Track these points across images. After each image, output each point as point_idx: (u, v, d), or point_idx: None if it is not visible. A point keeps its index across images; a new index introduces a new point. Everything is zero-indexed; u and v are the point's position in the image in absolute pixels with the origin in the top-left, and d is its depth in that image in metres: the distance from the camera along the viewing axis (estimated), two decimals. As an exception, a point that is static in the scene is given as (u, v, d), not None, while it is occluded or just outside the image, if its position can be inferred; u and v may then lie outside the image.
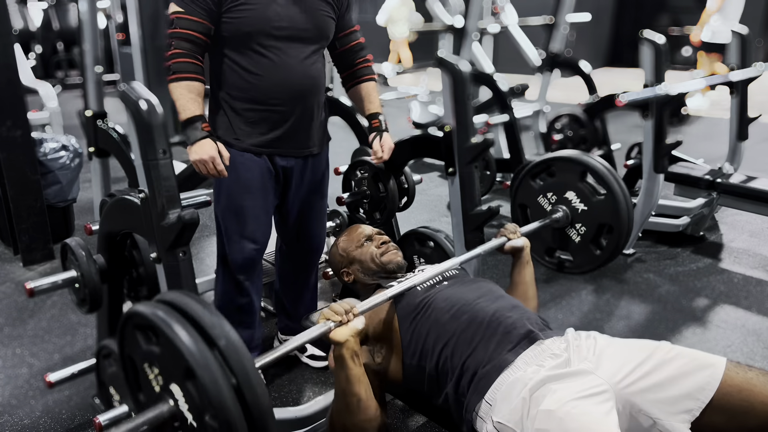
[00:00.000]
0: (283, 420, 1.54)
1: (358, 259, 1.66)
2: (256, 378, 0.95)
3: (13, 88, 2.80)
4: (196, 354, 0.91)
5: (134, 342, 1.05)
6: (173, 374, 0.97)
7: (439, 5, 4.62)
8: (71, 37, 8.43)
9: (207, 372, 0.90)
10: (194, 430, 0.97)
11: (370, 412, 1.27)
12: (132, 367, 1.11)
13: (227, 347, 0.94)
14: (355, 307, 1.28)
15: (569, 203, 1.91)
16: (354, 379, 1.25)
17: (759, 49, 8.77)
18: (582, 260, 1.94)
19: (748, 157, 3.58)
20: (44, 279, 1.59)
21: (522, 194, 2.03)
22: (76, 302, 1.69)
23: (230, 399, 0.91)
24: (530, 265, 1.70)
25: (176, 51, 1.63)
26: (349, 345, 1.24)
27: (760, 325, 2.44)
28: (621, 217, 1.82)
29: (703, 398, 1.14)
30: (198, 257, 3.08)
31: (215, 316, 0.98)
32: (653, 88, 2.70)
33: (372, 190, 2.23)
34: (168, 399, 0.99)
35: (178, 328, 0.93)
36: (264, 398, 0.95)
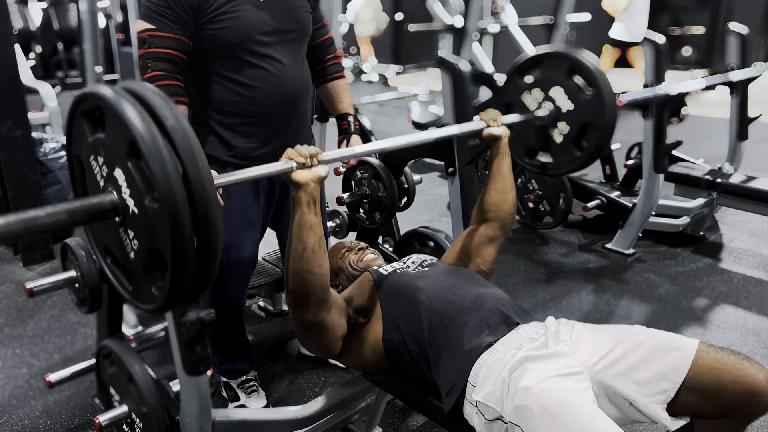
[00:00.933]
0: (283, 420, 1.54)
1: (341, 268, 1.68)
2: (203, 161, 0.91)
3: (13, 88, 2.80)
4: (140, 126, 0.86)
5: (81, 134, 1.01)
6: (117, 156, 0.93)
7: (439, 5, 4.62)
8: (71, 37, 8.42)
9: (151, 145, 0.86)
10: (135, 219, 0.94)
11: (313, 265, 1.26)
12: (79, 169, 1.06)
13: (174, 127, 0.89)
14: (321, 154, 1.27)
15: (554, 101, 1.88)
16: (305, 225, 1.24)
17: (759, 49, 8.77)
18: (562, 161, 1.89)
19: (748, 157, 3.58)
20: (44, 279, 1.58)
21: (508, 93, 1.98)
22: (76, 302, 1.69)
23: (174, 176, 0.86)
24: (508, 156, 1.68)
25: (155, 73, 1.50)
26: (308, 189, 1.23)
27: (760, 325, 2.44)
28: (605, 116, 1.78)
29: (677, 378, 1.16)
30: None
31: (165, 100, 0.93)
32: (653, 88, 2.70)
33: (372, 190, 2.23)
34: (111, 190, 0.96)
35: (124, 103, 0.89)
36: (209, 183, 0.91)
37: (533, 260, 3.08)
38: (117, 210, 0.96)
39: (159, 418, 1.42)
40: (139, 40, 1.52)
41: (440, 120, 4.93)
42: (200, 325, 1.26)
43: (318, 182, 1.25)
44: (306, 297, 1.29)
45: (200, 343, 1.29)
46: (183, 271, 0.92)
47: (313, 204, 1.25)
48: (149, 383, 1.44)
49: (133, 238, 0.97)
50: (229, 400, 1.97)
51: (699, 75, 3.05)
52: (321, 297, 1.31)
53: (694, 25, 9.66)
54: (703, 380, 1.16)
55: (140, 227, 0.94)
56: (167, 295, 0.95)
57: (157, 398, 1.43)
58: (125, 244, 0.99)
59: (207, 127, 1.66)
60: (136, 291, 1.04)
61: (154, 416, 1.42)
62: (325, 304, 1.33)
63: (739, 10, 8.52)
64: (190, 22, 1.52)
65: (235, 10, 1.54)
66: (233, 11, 1.53)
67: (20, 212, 0.85)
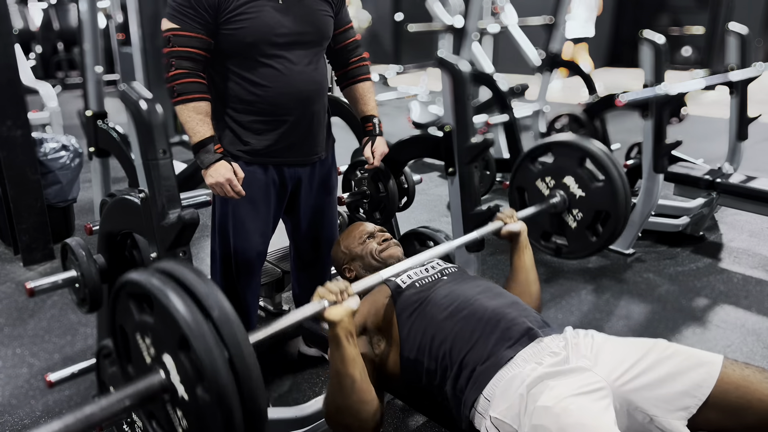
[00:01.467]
0: (283, 420, 1.54)
1: (360, 255, 1.65)
2: (248, 349, 0.94)
3: (14, 88, 2.80)
4: (191, 323, 0.89)
5: (127, 311, 1.03)
6: (166, 344, 0.95)
7: (439, 5, 4.62)
8: (71, 37, 8.43)
9: (202, 342, 0.89)
10: (184, 402, 0.95)
11: (364, 394, 1.26)
12: (123, 338, 1.08)
13: (220, 317, 0.92)
14: (350, 287, 1.28)
15: (567, 188, 1.90)
16: (348, 359, 1.24)
17: (759, 49, 8.77)
18: (577, 246, 1.93)
19: (748, 157, 3.59)
20: (44, 279, 1.59)
21: (520, 177, 2.01)
22: (76, 302, 1.69)
23: (224, 370, 0.89)
24: (529, 249, 1.70)
25: (178, 71, 1.56)
26: (344, 324, 1.23)
27: (760, 325, 2.44)
28: (618, 205, 1.81)
29: (700, 395, 1.14)
30: (198, 257, 3.08)
31: (209, 286, 0.96)
32: (653, 88, 2.70)
33: (372, 190, 2.24)
34: (159, 370, 0.98)
35: (174, 297, 0.92)
36: (255, 370, 0.93)
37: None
38: (166, 390, 0.98)
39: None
40: (164, 39, 1.57)
41: (440, 120, 4.94)
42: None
43: (351, 316, 1.25)
44: (362, 426, 1.28)
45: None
46: None
47: (351, 337, 1.25)
48: None
49: (182, 417, 0.98)
50: None
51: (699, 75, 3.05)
52: (376, 419, 1.30)
53: (694, 25, 9.67)
54: (728, 398, 1.14)
55: (191, 412, 0.96)
56: None
57: None
58: (173, 420, 1.01)
59: (222, 123, 1.71)
60: None
61: None
62: (379, 423, 1.32)
63: (739, 10, 8.52)
64: (211, 22, 1.57)
65: (254, 11, 1.58)
66: (251, 12, 1.57)
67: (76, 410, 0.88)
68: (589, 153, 1.87)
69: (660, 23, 10.07)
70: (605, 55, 10.71)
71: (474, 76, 2.17)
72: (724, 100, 3.50)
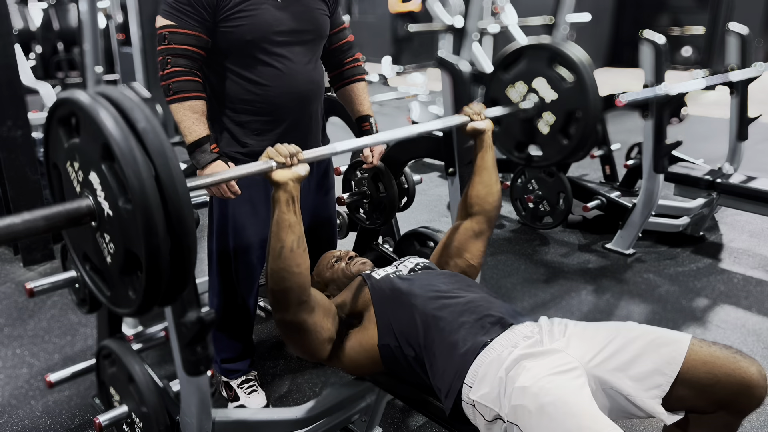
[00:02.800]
0: (283, 420, 1.54)
1: (331, 278, 1.65)
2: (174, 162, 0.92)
3: (14, 88, 2.80)
4: (112, 128, 0.88)
5: (57, 141, 1.03)
6: (92, 160, 0.95)
7: (439, 5, 4.62)
8: (71, 37, 8.42)
9: (123, 146, 0.87)
10: (110, 221, 0.95)
11: (290, 263, 1.26)
12: (57, 176, 1.08)
13: (146, 129, 0.91)
14: (301, 153, 1.27)
15: (537, 93, 1.88)
16: (284, 224, 1.25)
17: (759, 49, 8.77)
18: (550, 152, 1.89)
19: (748, 157, 3.58)
20: (44, 279, 1.59)
21: (494, 88, 1.97)
22: (76, 302, 1.69)
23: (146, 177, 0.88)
24: (492, 149, 1.69)
25: (174, 69, 1.54)
26: (288, 188, 1.24)
27: (760, 325, 2.44)
28: (589, 102, 1.78)
29: (671, 372, 1.17)
30: (198, 257, 3.08)
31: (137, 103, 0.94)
32: (653, 88, 2.70)
33: (372, 190, 2.23)
34: (87, 195, 0.97)
35: (98, 107, 0.90)
36: (182, 184, 0.92)
37: (533, 260, 3.08)
38: (93, 214, 0.97)
39: (159, 419, 1.42)
40: (159, 36, 1.54)
41: (440, 120, 4.93)
42: (200, 325, 1.26)
43: (298, 181, 1.26)
44: (285, 296, 1.29)
45: (200, 343, 1.29)
46: (158, 272, 0.93)
47: (292, 203, 1.25)
48: (149, 383, 1.44)
49: (110, 241, 0.98)
50: (229, 400, 1.97)
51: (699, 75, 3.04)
52: (300, 297, 1.31)
53: (694, 25, 9.66)
54: (697, 374, 1.16)
55: (116, 230, 0.95)
56: (143, 297, 0.96)
57: (157, 398, 1.43)
58: (102, 249, 1.01)
59: (220, 124, 1.70)
60: (114, 296, 1.05)
61: (155, 416, 1.42)
62: (305, 305, 1.32)
63: (739, 10, 8.52)
64: (208, 19, 1.55)
65: (253, 8, 1.56)
66: (250, 10, 1.56)
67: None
68: (559, 54, 1.84)
69: (660, 23, 10.06)
70: (605, 55, 10.71)
71: (474, 76, 2.16)
72: (724, 100, 3.50)
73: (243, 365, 1.97)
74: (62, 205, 0.96)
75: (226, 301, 1.86)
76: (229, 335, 1.91)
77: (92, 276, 1.09)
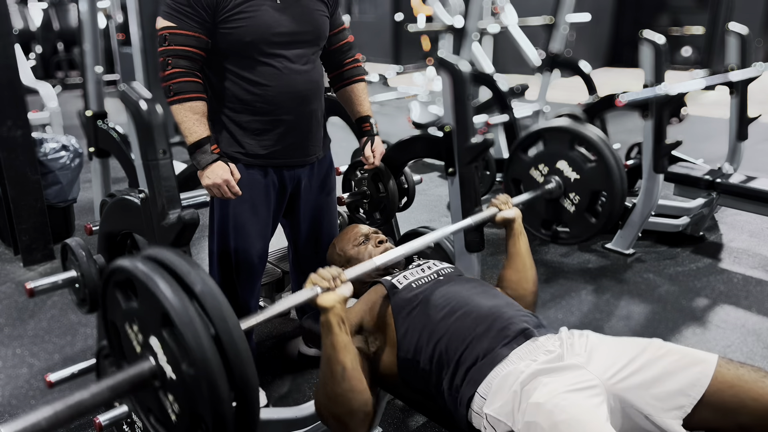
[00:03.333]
0: (283, 420, 1.54)
1: (355, 258, 1.64)
2: (233, 321, 0.93)
3: (14, 88, 2.80)
4: (170, 298, 0.90)
5: (115, 303, 1.05)
6: (151, 326, 0.96)
7: (439, 5, 4.62)
8: (71, 37, 8.43)
9: (182, 315, 0.89)
10: (173, 383, 0.95)
11: (355, 383, 1.25)
12: (115, 334, 1.09)
13: (203, 292, 0.92)
14: (343, 273, 1.28)
15: (561, 173, 1.89)
16: (340, 346, 1.24)
17: (759, 49, 8.77)
18: (578, 230, 1.91)
19: (748, 157, 3.59)
20: (44, 279, 1.59)
21: (515, 169, 2.00)
22: (76, 302, 1.69)
23: (206, 340, 0.89)
24: (524, 236, 1.70)
25: (175, 70, 1.54)
26: (336, 311, 1.23)
27: (760, 325, 2.44)
28: (614, 182, 1.80)
29: (695, 394, 1.14)
30: (198, 257, 3.08)
31: (191, 264, 0.96)
32: (653, 88, 2.70)
33: (372, 190, 2.24)
34: (148, 356, 0.98)
35: (153, 275, 0.92)
36: (242, 343, 0.93)
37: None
38: (156, 376, 0.98)
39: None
40: (159, 38, 1.55)
41: (440, 120, 4.94)
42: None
43: (344, 303, 1.26)
44: (351, 417, 1.26)
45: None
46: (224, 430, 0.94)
47: (342, 324, 1.25)
48: None
49: (173, 401, 0.99)
50: None
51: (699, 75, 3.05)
52: (366, 411, 1.28)
53: (694, 25, 9.66)
54: (723, 397, 1.13)
55: (179, 392, 0.96)
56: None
57: None
58: (166, 407, 1.01)
59: (220, 124, 1.70)
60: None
61: None
62: (370, 416, 1.30)
63: (739, 10, 8.52)
64: (208, 20, 1.56)
65: (252, 9, 1.57)
66: (250, 11, 1.57)
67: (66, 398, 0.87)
68: (579, 135, 1.86)
69: (660, 23, 10.07)
70: (605, 55, 10.71)
71: (474, 76, 2.17)
72: (724, 101, 3.50)
73: None
74: (126, 372, 0.97)
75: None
76: None
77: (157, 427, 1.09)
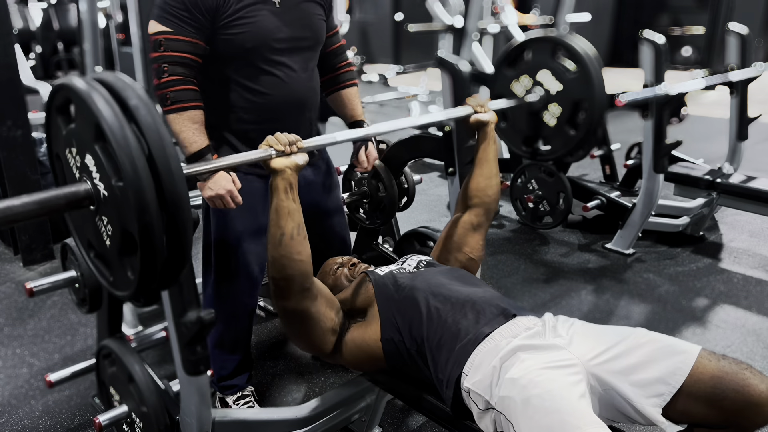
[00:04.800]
0: (283, 420, 1.54)
1: (334, 284, 1.63)
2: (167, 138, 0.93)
3: (14, 88, 2.80)
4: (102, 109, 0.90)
5: (57, 131, 1.06)
6: (86, 143, 0.96)
7: (439, 5, 4.62)
8: (71, 37, 8.43)
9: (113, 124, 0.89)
10: (107, 202, 0.96)
11: (293, 251, 1.27)
12: (59, 165, 1.11)
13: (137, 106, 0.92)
14: (301, 141, 1.30)
15: (542, 85, 1.87)
16: (283, 212, 1.26)
17: (759, 49, 8.77)
18: (558, 144, 1.88)
19: (748, 157, 3.58)
20: (44, 279, 1.59)
21: (498, 84, 1.95)
22: (76, 302, 1.69)
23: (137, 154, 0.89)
24: (494, 142, 1.69)
25: (172, 78, 1.47)
26: (286, 175, 1.26)
27: (760, 325, 2.44)
28: (594, 90, 1.78)
29: (674, 383, 1.15)
30: (198, 257, 3.08)
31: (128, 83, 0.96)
32: (653, 88, 2.70)
33: (372, 190, 2.24)
34: (85, 179, 0.99)
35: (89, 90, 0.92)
36: (174, 160, 0.92)
37: (533, 260, 3.08)
38: (91, 198, 0.98)
39: (159, 418, 1.42)
40: (153, 43, 1.48)
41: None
42: (200, 324, 1.27)
43: (296, 170, 1.28)
44: (287, 284, 1.30)
45: (200, 342, 1.29)
46: (152, 250, 0.93)
47: (290, 190, 1.27)
48: (149, 383, 1.44)
49: (107, 223, 0.99)
50: None
51: (699, 75, 3.05)
52: (302, 284, 1.31)
53: (694, 25, 9.66)
54: (704, 387, 1.14)
55: (112, 211, 0.96)
56: (140, 276, 0.96)
57: (157, 398, 1.43)
58: (101, 233, 1.02)
59: (219, 133, 1.66)
60: (116, 280, 1.06)
61: (154, 416, 1.42)
62: (307, 292, 1.33)
63: (739, 10, 8.52)
64: (207, 26, 1.50)
65: (252, 15, 1.52)
66: (250, 16, 1.52)
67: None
68: (561, 44, 1.83)
69: (660, 23, 10.07)
70: (605, 55, 10.72)
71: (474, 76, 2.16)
72: (724, 100, 3.50)
73: (240, 380, 1.90)
74: (60, 189, 0.97)
75: (225, 313, 1.81)
76: (228, 349, 1.85)
77: (96, 263, 1.10)
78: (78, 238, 1.16)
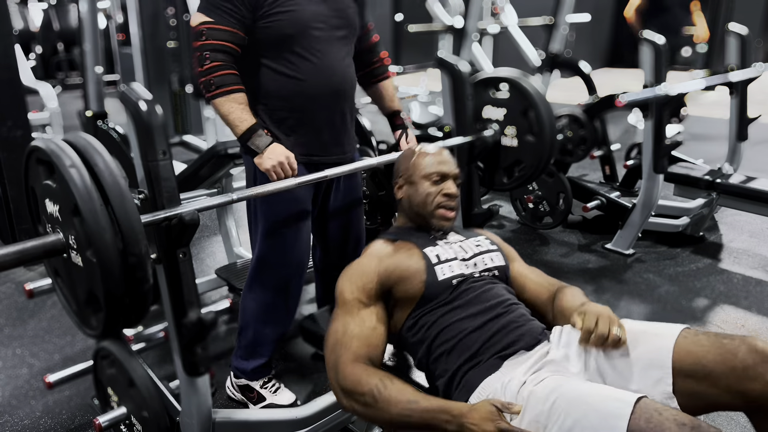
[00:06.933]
0: (283, 420, 1.54)
1: (416, 186, 1.48)
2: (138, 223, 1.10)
3: (14, 88, 2.80)
4: (83, 194, 1.04)
5: (37, 175, 1.22)
6: (64, 209, 1.10)
7: (439, 5, 4.63)
8: (71, 38, 8.42)
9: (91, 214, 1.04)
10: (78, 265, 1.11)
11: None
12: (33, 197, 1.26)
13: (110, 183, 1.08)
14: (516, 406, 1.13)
15: (491, 120, 2.05)
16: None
17: (759, 50, 8.77)
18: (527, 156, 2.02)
19: (748, 158, 3.59)
20: (44, 280, 1.59)
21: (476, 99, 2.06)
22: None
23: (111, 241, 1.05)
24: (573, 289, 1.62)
25: (215, 64, 1.54)
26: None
27: (760, 325, 2.44)
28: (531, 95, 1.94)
29: (666, 365, 1.14)
30: (198, 258, 3.08)
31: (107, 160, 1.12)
32: (653, 88, 2.70)
33: (372, 190, 2.24)
34: (59, 231, 1.14)
35: (72, 171, 1.06)
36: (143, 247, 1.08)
37: (533, 260, 3.08)
38: (65, 250, 1.14)
39: (159, 421, 1.42)
40: (195, 33, 1.55)
41: (440, 120, 4.94)
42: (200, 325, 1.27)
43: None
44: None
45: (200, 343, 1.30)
46: (116, 313, 1.11)
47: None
48: (149, 388, 1.44)
49: (78, 273, 1.14)
50: (252, 403, 1.91)
51: (699, 75, 3.05)
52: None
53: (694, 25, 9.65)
54: (689, 364, 1.12)
55: (82, 271, 1.11)
56: (103, 329, 1.16)
57: (157, 402, 1.43)
58: (71, 275, 1.17)
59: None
60: (80, 315, 1.22)
61: (155, 419, 1.42)
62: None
63: (739, 10, 8.53)
64: (247, 17, 1.57)
65: (291, 3, 1.58)
66: (289, 5, 1.58)
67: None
68: (486, 80, 2.01)
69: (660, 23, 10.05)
70: (605, 55, 10.71)
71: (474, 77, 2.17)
72: (724, 101, 3.51)
73: (267, 364, 1.93)
74: (38, 240, 1.13)
75: (273, 302, 1.83)
76: (271, 336, 1.88)
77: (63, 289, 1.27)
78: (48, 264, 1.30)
